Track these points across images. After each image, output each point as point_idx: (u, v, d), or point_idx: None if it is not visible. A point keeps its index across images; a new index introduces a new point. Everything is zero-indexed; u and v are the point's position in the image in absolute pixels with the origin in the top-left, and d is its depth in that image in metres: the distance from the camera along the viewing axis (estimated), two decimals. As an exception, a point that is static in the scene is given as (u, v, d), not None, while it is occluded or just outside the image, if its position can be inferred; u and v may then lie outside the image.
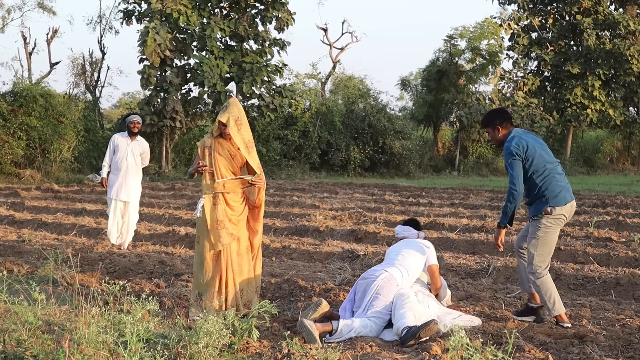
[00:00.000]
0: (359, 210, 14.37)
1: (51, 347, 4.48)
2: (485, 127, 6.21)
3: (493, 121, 6.11)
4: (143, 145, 10.24)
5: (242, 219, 6.24)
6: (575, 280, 7.71)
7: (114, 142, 10.14)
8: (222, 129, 6.15)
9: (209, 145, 6.23)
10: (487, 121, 6.18)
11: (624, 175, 31.64)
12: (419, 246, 6.24)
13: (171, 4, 26.18)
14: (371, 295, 5.74)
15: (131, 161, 10.03)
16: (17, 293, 5.74)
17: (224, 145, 6.21)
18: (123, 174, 9.97)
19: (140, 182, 10.27)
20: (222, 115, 6.13)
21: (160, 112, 26.79)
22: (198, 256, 6.24)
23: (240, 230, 6.22)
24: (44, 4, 34.42)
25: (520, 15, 34.97)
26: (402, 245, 6.31)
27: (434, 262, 6.23)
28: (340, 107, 31.97)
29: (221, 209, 6.13)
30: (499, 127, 6.08)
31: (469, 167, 32.63)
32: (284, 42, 28.61)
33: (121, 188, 9.95)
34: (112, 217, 10.05)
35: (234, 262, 6.16)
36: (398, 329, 5.34)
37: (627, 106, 35.19)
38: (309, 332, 5.23)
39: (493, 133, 6.13)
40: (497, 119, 6.11)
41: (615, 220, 12.22)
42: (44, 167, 25.43)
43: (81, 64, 33.74)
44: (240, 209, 6.23)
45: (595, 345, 5.15)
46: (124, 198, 9.98)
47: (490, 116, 6.19)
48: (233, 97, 6.58)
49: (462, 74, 34.39)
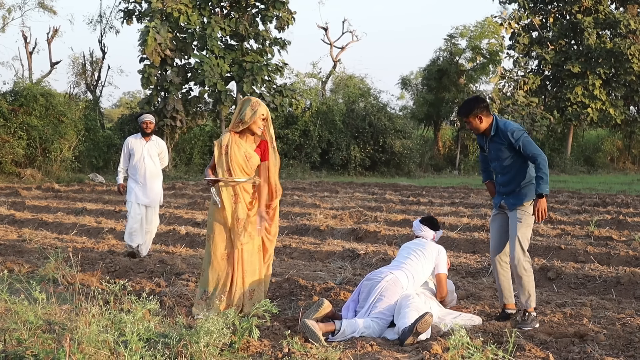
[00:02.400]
0: (359, 209, 14.37)
1: (52, 347, 4.48)
2: (467, 116, 5.95)
3: (474, 110, 5.91)
4: (160, 144, 9.62)
5: (256, 219, 6.20)
6: (576, 279, 7.71)
7: (128, 146, 9.43)
8: (263, 123, 6.10)
9: (226, 144, 6.13)
10: (468, 110, 5.93)
11: (625, 174, 31.62)
12: (430, 251, 6.16)
13: (172, 4, 26.18)
14: (375, 297, 5.71)
15: (149, 163, 9.37)
16: (18, 292, 5.74)
17: (241, 146, 6.14)
18: (142, 177, 9.32)
19: (161, 185, 9.58)
20: (261, 108, 6.06)
21: (161, 111, 26.79)
22: (207, 254, 6.19)
23: (255, 230, 6.19)
24: (44, 3, 34.42)
25: (521, 14, 34.96)
26: (413, 246, 6.24)
27: (442, 271, 6.14)
28: (340, 106, 31.97)
29: (242, 207, 6.08)
30: (481, 115, 5.92)
31: (470, 166, 32.62)
32: (285, 41, 28.61)
33: (142, 192, 9.31)
34: (131, 221, 9.31)
35: (246, 262, 6.12)
36: (399, 328, 5.34)
37: (628, 105, 35.18)
38: (312, 332, 5.22)
39: (475, 122, 5.92)
40: (478, 108, 5.91)
41: (615, 219, 12.21)
42: (44, 167, 25.44)
43: (82, 64, 33.76)
44: (254, 210, 6.20)
45: (595, 344, 5.14)
46: (145, 202, 9.32)
47: (471, 105, 5.95)
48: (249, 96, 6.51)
49: (462, 73, 34.37)
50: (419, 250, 6.16)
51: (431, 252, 6.15)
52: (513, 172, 5.92)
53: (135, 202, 9.31)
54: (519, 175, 5.92)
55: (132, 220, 9.29)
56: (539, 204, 5.71)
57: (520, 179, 5.92)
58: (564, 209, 14.33)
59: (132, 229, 9.29)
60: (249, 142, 6.20)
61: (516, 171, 5.92)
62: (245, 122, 6.08)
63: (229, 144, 6.14)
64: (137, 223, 9.27)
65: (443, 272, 6.14)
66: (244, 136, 6.18)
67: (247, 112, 6.06)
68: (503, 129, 5.88)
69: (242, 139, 6.17)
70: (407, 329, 5.22)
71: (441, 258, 6.16)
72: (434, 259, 6.13)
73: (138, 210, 9.31)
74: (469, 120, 5.96)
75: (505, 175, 5.97)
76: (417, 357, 4.87)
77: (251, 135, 6.20)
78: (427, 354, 4.82)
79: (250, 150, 6.18)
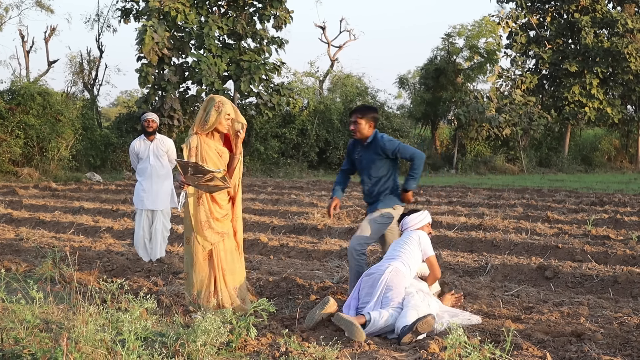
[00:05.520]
0: (356, 208, 14.37)
1: (49, 346, 4.48)
2: (364, 115, 6.35)
3: (372, 113, 6.40)
4: (166, 142, 9.08)
5: (227, 217, 6.14)
6: (573, 279, 7.71)
7: (134, 151, 9.04)
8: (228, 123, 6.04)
9: (195, 146, 6.06)
10: (367, 110, 6.38)
11: (622, 174, 31.66)
12: (411, 239, 6.21)
13: (169, 2, 26.17)
14: (381, 289, 5.74)
15: (155, 164, 8.95)
16: (15, 291, 5.74)
17: (211, 144, 6.09)
18: (148, 179, 8.93)
19: (170, 186, 9.10)
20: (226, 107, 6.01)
21: (158, 110, 26.76)
22: (189, 256, 6.11)
23: (226, 227, 6.12)
24: (41, 2, 34.38)
25: (518, 13, 34.99)
26: (400, 241, 6.30)
27: (430, 254, 6.20)
28: (338, 105, 31.97)
29: (203, 210, 6.01)
30: (372, 122, 6.39)
31: (467, 166, 32.64)
32: (282, 40, 28.62)
33: (146, 196, 8.92)
34: (138, 230, 8.97)
35: (226, 260, 6.08)
36: (398, 327, 5.35)
37: (625, 104, 35.22)
38: (349, 323, 5.27)
39: (365, 125, 6.33)
40: (375, 114, 6.42)
41: (613, 218, 12.23)
42: (41, 166, 25.41)
43: (79, 62, 33.71)
44: (227, 208, 6.14)
45: (593, 343, 5.15)
46: (149, 206, 8.93)
47: (371, 108, 6.44)
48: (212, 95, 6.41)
49: (460, 72, 34.40)
50: (404, 241, 6.22)
51: (412, 239, 6.20)
52: (385, 179, 6.43)
53: (139, 209, 9.03)
54: (390, 181, 6.45)
55: (137, 228, 9.05)
56: (406, 197, 6.47)
57: (391, 184, 6.45)
58: (561, 208, 14.34)
59: (136, 240, 9.04)
60: (217, 139, 6.15)
61: (388, 177, 6.43)
62: (210, 124, 6.01)
63: (198, 145, 6.05)
64: (140, 232, 8.95)
65: (431, 254, 6.21)
66: (210, 135, 6.13)
67: (212, 114, 5.98)
68: (378, 140, 6.37)
69: (209, 137, 6.12)
70: (407, 328, 5.23)
71: (423, 241, 6.22)
72: (418, 244, 6.17)
73: (140, 218, 9.00)
74: (362, 120, 6.36)
75: (377, 184, 6.45)
76: (414, 356, 4.87)
77: (217, 133, 6.14)
78: (425, 353, 4.83)
79: (220, 146, 6.14)
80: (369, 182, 6.51)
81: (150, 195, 8.93)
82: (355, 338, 5.20)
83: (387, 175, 6.45)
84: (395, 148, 6.33)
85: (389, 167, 6.45)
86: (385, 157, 6.40)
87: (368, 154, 6.45)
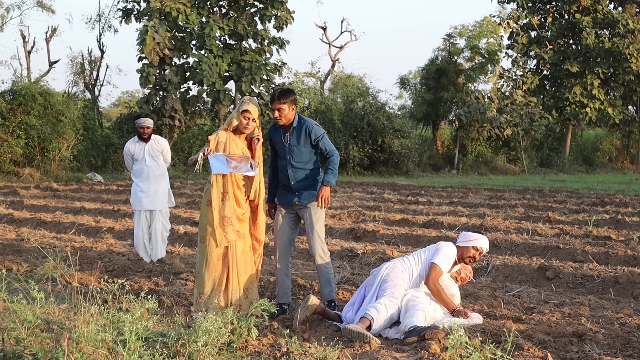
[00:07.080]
0: (357, 208, 14.37)
1: (50, 346, 4.48)
2: (284, 101, 6.14)
3: (291, 95, 6.21)
4: (161, 142, 9.10)
5: (247, 217, 6.21)
6: (574, 279, 7.71)
7: (128, 153, 8.99)
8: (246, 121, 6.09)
9: (224, 141, 6.12)
10: (286, 95, 6.16)
11: (623, 174, 31.66)
12: (434, 246, 6.16)
13: (170, 3, 26.18)
14: (378, 282, 5.85)
15: (151, 164, 8.93)
16: (16, 292, 5.74)
17: (238, 143, 6.16)
18: (145, 180, 8.89)
19: (166, 186, 9.11)
20: (245, 105, 6.08)
21: (159, 110, 26.80)
22: (202, 255, 6.13)
23: (245, 228, 6.19)
24: (43, 2, 34.40)
25: (520, 13, 34.99)
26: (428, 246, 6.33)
27: (437, 261, 5.96)
28: (339, 105, 31.96)
29: (229, 205, 6.06)
30: (293, 105, 6.25)
31: (468, 166, 32.64)
32: (283, 40, 28.63)
33: (144, 196, 8.88)
34: (137, 231, 8.95)
35: (240, 261, 6.12)
36: (406, 326, 5.37)
37: (626, 105, 35.23)
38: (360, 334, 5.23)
39: (288, 109, 6.17)
40: (293, 95, 6.25)
41: (614, 218, 12.22)
42: (42, 166, 25.43)
43: (80, 63, 33.74)
44: (245, 207, 6.21)
45: (594, 344, 5.15)
46: (148, 207, 8.90)
47: (290, 91, 6.23)
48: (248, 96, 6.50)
49: (461, 72, 34.39)
50: (422, 250, 6.20)
51: (433, 247, 6.17)
52: (309, 167, 6.30)
53: (137, 210, 8.97)
54: (314, 171, 6.33)
55: (136, 229, 9.02)
56: (324, 191, 6.18)
57: (315, 174, 6.32)
58: (562, 209, 14.33)
59: (136, 241, 9.02)
60: (242, 140, 6.23)
61: (312, 166, 6.32)
62: (230, 120, 6.16)
63: (227, 141, 6.14)
64: (139, 233, 8.93)
65: (438, 262, 5.95)
66: (238, 133, 6.19)
67: (235, 111, 6.15)
68: (304, 122, 6.25)
69: (237, 136, 6.19)
70: (416, 330, 5.24)
71: (441, 250, 6.04)
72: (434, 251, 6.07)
73: (138, 219, 8.96)
74: (284, 105, 6.15)
75: (302, 171, 6.28)
76: (415, 357, 4.87)
77: (242, 134, 6.22)
78: (426, 354, 4.83)
79: (245, 148, 6.21)
80: (292, 168, 6.28)
81: (148, 195, 8.91)
82: (371, 346, 5.18)
83: (310, 162, 6.32)
84: (321, 135, 6.25)
85: (313, 154, 6.33)
86: (309, 143, 6.26)
87: (293, 138, 6.25)
